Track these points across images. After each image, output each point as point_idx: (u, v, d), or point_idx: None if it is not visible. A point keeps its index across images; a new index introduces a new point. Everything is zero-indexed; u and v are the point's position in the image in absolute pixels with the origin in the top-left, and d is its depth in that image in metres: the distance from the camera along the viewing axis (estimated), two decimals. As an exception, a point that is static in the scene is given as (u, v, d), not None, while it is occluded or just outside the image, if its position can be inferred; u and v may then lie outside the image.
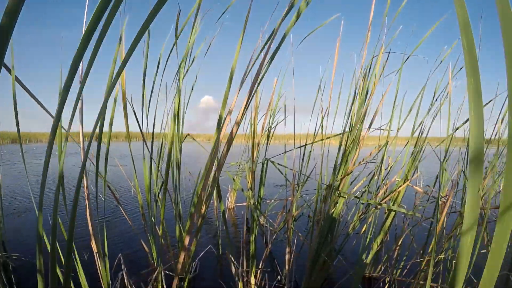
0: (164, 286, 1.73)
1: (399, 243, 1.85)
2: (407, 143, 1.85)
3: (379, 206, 1.67)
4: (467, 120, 1.69)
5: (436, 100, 1.77)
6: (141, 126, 1.57)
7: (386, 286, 1.67)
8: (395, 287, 1.86)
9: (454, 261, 1.20)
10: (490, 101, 1.76)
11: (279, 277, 1.80)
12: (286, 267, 1.41)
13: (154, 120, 1.61)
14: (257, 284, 1.71)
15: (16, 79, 0.76)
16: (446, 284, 1.53)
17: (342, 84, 1.84)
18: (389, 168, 1.92)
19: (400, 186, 1.77)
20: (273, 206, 3.24)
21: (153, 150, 1.59)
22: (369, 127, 1.64)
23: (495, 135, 1.85)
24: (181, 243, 1.81)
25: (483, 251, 1.62)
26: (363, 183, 1.91)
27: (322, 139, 1.75)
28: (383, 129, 1.76)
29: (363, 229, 1.75)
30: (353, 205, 1.88)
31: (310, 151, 1.81)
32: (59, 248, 0.99)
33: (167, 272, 1.94)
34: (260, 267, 1.67)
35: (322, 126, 1.77)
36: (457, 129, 1.76)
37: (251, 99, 0.87)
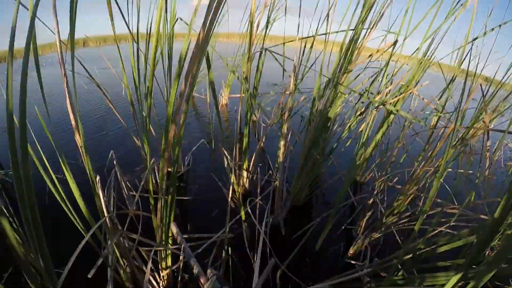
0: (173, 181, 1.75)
1: (395, 153, 1.84)
2: (417, 49, 1.68)
3: (380, 107, 1.61)
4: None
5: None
6: (128, 26, 1.36)
7: (375, 192, 1.70)
8: (385, 195, 1.91)
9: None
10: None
11: (270, 171, 1.82)
12: (280, 158, 1.39)
13: (139, 17, 1.40)
14: (249, 178, 1.74)
15: None
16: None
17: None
18: (394, 72, 1.79)
19: (405, 91, 1.67)
20: (268, 102, 3.17)
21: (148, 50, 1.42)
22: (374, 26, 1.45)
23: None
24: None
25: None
26: (364, 84, 1.81)
27: (325, 33, 1.57)
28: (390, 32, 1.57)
29: (360, 129, 1.71)
30: (350, 109, 1.81)
31: (311, 47, 1.65)
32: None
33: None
34: (252, 160, 1.68)
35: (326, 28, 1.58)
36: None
37: None
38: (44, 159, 0.89)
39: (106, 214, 0.90)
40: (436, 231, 1.56)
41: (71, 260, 0.63)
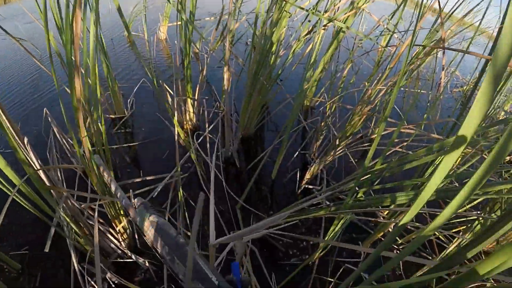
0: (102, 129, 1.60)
1: (345, 73, 1.79)
2: None
3: (329, 24, 1.50)
4: None
5: None
6: None
7: (327, 114, 1.67)
8: (336, 117, 1.90)
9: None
10: None
11: (217, 103, 1.72)
12: (226, 86, 1.29)
13: None
14: (195, 112, 1.64)
15: None
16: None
17: None
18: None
19: (355, 7, 1.57)
20: (209, 32, 2.94)
21: None
22: None
23: None
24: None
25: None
26: (311, 2, 1.67)
27: None
28: None
29: (307, 50, 1.61)
30: (296, 30, 1.70)
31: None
32: None
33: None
34: (197, 93, 1.56)
35: None
36: None
37: None
38: None
39: (40, 171, 0.78)
40: (392, 151, 1.59)
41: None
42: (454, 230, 1.29)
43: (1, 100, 2.11)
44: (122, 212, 1.09)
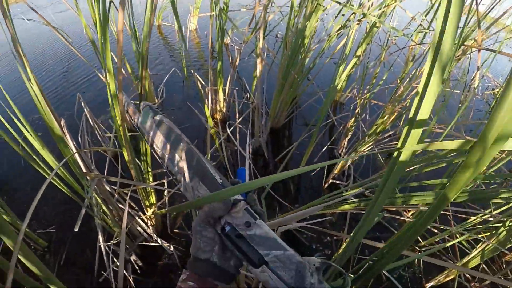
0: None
1: (377, 70, 1.77)
2: None
3: (363, 19, 1.48)
4: None
5: None
6: None
7: (357, 111, 1.65)
8: (367, 113, 1.87)
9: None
10: None
11: (247, 94, 1.74)
12: (257, 77, 1.29)
13: None
14: (226, 102, 1.66)
15: None
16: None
17: None
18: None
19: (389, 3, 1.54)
20: (240, 23, 2.94)
21: None
22: None
23: None
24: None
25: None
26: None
27: None
28: None
29: (339, 46, 1.60)
30: (331, 22, 1.68)
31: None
32: None
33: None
34: (228, 83, 1.57)
35: None
36: None
37: None
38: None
39: (77, 155, 0.81)
40: (420, 151, 1.56)
41: (35, 200, 0.53)
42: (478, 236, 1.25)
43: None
44: (153, 199, 1.12)
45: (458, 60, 1.69)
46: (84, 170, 0.82)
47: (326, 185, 1.52)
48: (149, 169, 1.03)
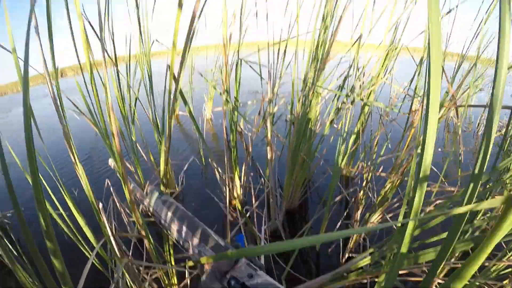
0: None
1: (376, 142, 1.90)
2: (381, 42, 1.75)
3: (356, 99, 1.66)
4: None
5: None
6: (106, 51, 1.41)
7: (364, 183, 1.75)
8: (373, 184, 1.97)
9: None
10: None
11: (262, 179, 1.87)
12: (269, 164, 1.44)
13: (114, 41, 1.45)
14: (242, 187, 1.79)
15: None
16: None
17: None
18: (363, 67, 1.86)
19: (375, 82, 1.75)
20: (251, 111, 3.21)
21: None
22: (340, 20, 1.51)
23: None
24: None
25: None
26: (338, 81, 1.87)
27: (296, 36, 1.63)
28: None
29: (340, 125, 1.77)
30: (328, 106, 1.87)
31: (285, 50, 1.71)
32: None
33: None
34: (243, 170, 1.72)
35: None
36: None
37: None
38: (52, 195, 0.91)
39: (111, 239, 0.93)
40: (428, 209, 1.62)
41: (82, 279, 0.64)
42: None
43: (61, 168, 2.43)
44: (175, 280, 1.20)
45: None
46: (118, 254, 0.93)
47: (344, 259, 1.56)
48: (171, 251, 1.13)
